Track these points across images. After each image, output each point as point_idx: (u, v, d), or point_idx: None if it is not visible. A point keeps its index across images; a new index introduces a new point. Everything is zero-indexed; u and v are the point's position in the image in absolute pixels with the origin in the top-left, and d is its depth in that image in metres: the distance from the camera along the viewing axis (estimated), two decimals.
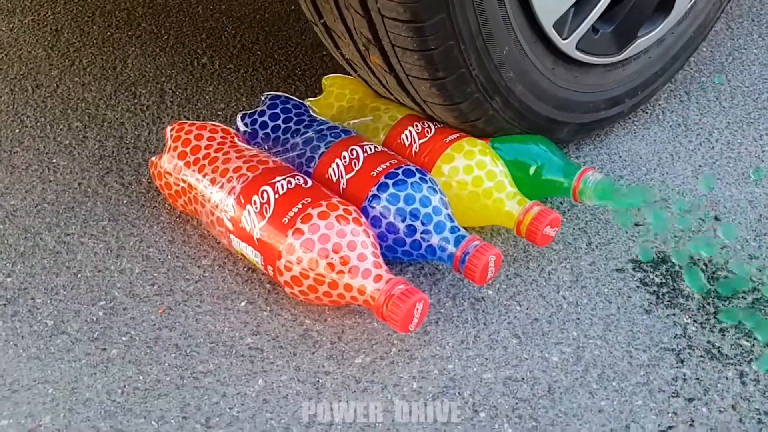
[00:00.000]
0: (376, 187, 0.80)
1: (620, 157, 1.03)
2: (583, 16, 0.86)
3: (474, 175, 0.83)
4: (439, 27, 0.74)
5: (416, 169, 0.81)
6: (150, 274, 0.82)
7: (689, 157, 1.03)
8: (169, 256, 0.84)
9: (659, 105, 1.14)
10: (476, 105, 0.84)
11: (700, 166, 1.02)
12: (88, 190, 0.94)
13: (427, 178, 0.81)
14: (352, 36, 0.80)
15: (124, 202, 0.92)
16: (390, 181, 0.80)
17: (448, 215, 0.79)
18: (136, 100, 1.11)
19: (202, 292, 0.80)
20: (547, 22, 0.83)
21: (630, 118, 1.11)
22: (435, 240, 0.78)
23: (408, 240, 0.78)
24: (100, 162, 0.99)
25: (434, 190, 0.80)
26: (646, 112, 1.12)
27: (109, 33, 1.25)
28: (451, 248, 0.77)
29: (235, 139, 0.85)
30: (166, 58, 1.21)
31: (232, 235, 0.77)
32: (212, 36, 1.25)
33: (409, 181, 0.80)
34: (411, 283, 0.82)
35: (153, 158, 0.87)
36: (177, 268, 0.83)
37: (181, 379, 0.71)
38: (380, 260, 0.73)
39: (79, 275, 0.82)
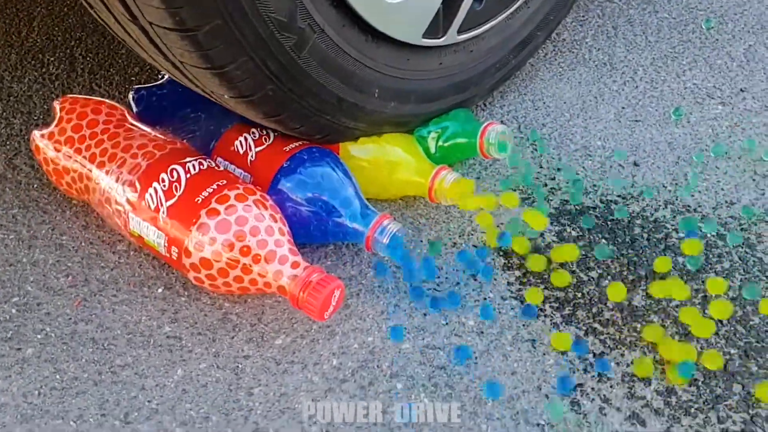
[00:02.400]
0: (286, 162, 0.76)
1: (544, 103, 1.00)
2: (455, 9, 0.80)
3: (381, 152, 0.80)
4: (299, 113, 0.74)
5: (325, 149, 0.78)
6: (64, 264, 0.79)
7: (613, 98, 1.01)
8: (83, 243, 0.81)
9: (586, 43, 1.10)
10: (371, 134, 0.83)
11: (623, 107, 0.99)
12: None
13: (335, 158, 0.78)
14: None
15: (35, 186, 0.87)
16: (299, 160, 0.76)
17: (357, 194, 0.76)
18: (44, 69, 1.03)
19: (118, 280, 0.77)
20: (416, 39, 0.78)
21: (556, 59, 1.07)
22: (344, 221, 0.75)
23: (317, 221, 0.75)
24: (8, 142, 0.92)
25: (343, 169, 0.77)
26: (573, 52, 1.08)
27: None
28: (361, 228, 0.74)
29: (130, 118, 0.80)
30: (75, 19, 1.12)
31: (131, 214, 0.73)
32: None
33: (318, 161, 0.76)
34: (333, 254, 0.81)
35: (37, 132, 0.80)
36: (92, 255, 0.79)
37: (98, 374, 0.69)
38: (295, 248, 0.71)
39: None
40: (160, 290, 0.76)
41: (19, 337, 0.72)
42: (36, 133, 0.80)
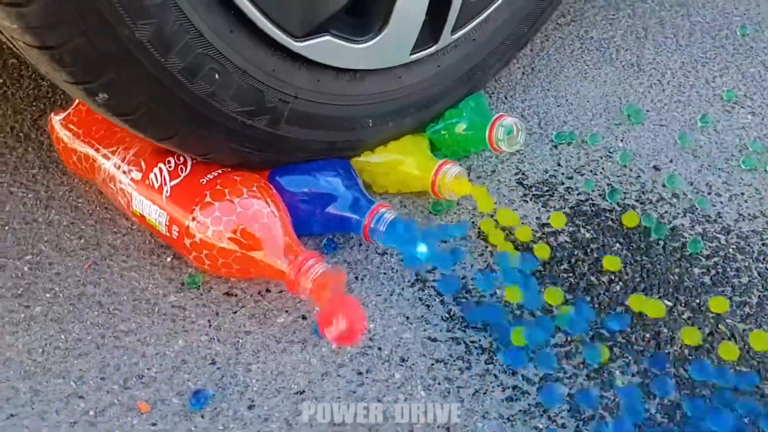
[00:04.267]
0: None
1: (567, 100, 0.95)
2: (444, 11, 0.71)
3: (384, 147, 0.78)
4: (292, 162, 0.72)
5: None
6: (78, 227, 0.77)
7: (638, 101, 0.96)
8: (97, 207, 0.79)
9: (614, 42, 1.04)
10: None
11: (648, 111, 0.94)
12: (21, 134, 0.87)
13: None
14: None
15: (56, 147, 0.85)
16: None
17: (354, 184, 0.73)
18: None
19: (129, 246, 0.75)
20: (405, 58, 0.72)
21: (582, 57, 1.02)
22: (340, 211, 0.72)
23: (314, 213, 0.72)
24: (35, 104, 0.91)
25: (339, 160, 0.74)
26: (600, 51, 1.03)
27: None
28: (357, 218, 0.71)
29: None
30: None
31: (135, 193, 0.70)
32: None
33: None
34: (341, 237, 0.77)
35: (54, 115, 0.79)
36: (105, 220, 0.77)
37: (102, 338, 0.67)
38: (295, 236, 0.68)
39: (7, 227, 0.76)
40: (168, 259, 0.74)
41: (29, 295, 0.70)
42: (53, 117, 0.79)
